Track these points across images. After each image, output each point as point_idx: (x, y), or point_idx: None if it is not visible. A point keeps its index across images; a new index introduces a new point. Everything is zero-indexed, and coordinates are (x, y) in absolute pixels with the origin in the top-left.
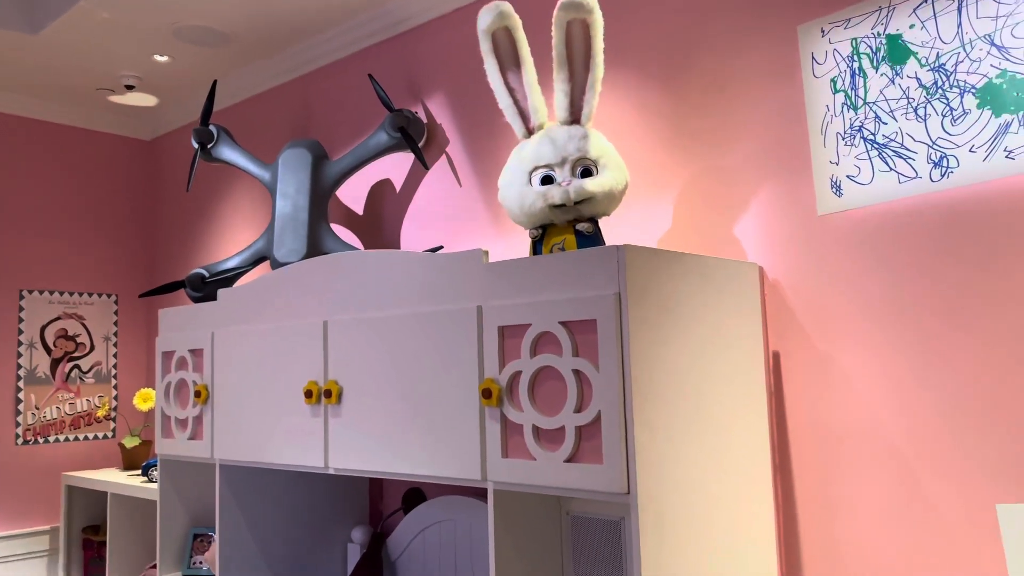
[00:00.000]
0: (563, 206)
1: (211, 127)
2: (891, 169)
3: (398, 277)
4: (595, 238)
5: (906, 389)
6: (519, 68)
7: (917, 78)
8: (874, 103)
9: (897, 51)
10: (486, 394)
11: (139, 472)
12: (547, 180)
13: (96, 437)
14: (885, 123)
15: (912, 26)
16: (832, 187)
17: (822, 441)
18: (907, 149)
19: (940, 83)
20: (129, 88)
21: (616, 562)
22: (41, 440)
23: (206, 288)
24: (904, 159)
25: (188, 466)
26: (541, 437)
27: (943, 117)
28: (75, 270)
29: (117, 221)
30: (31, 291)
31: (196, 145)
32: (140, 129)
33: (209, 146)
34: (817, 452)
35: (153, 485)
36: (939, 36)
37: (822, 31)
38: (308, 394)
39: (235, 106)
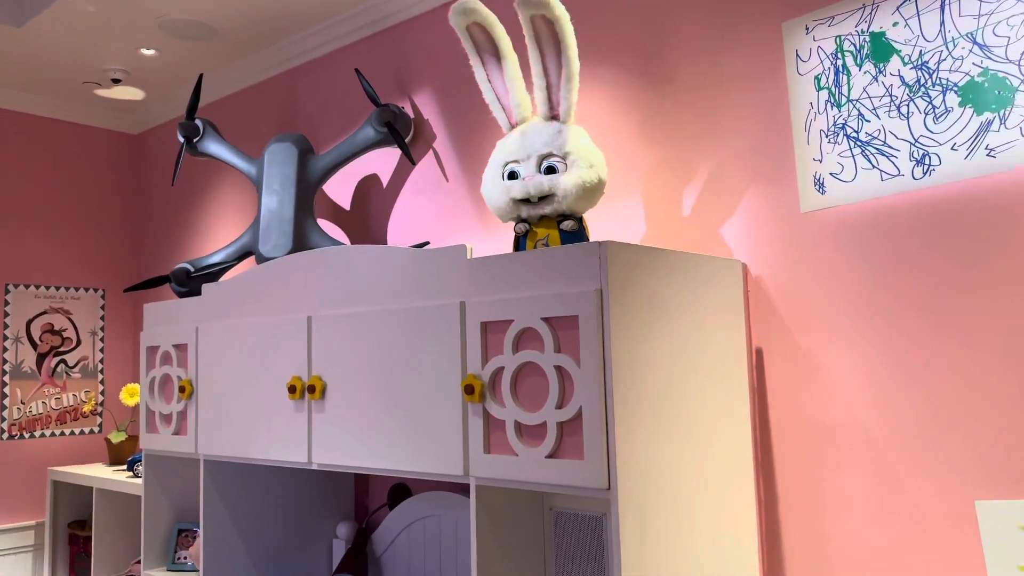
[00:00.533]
0: (527, 201)
1: (197, 121)
2: (874, 167)
3: (382, 272)
4: (579, 235)
5: (887, 386)
6: (499, 62)
7: (900, 76)
8: (857, 101)
9: (880, 49)
10: (468, 390)
11: (125, 467)
12: (514, 175)
13: (82, 432)
14: (868, 121)
15: (896, 24)
16: (815, 184)
17: (804, 438)
18: (890, 147)
19: (923, 81)
20: (116, 82)
21: (599, 558)
22: (27, 435)
23: (191, 283)
24: (887, 157)
25: (173, 461)
26: (523, 433)
27: (925, 115)
28: (61, 264)
29: (104, 215)
30: (17, 285)
31: (182, 139)
32: (127, 123)
33: (195, 140)
34: (799, 449)
35: (138, 480)
36: (922, 34)
37: (806, 28)
38: (292, 389)
39: (221, 100)
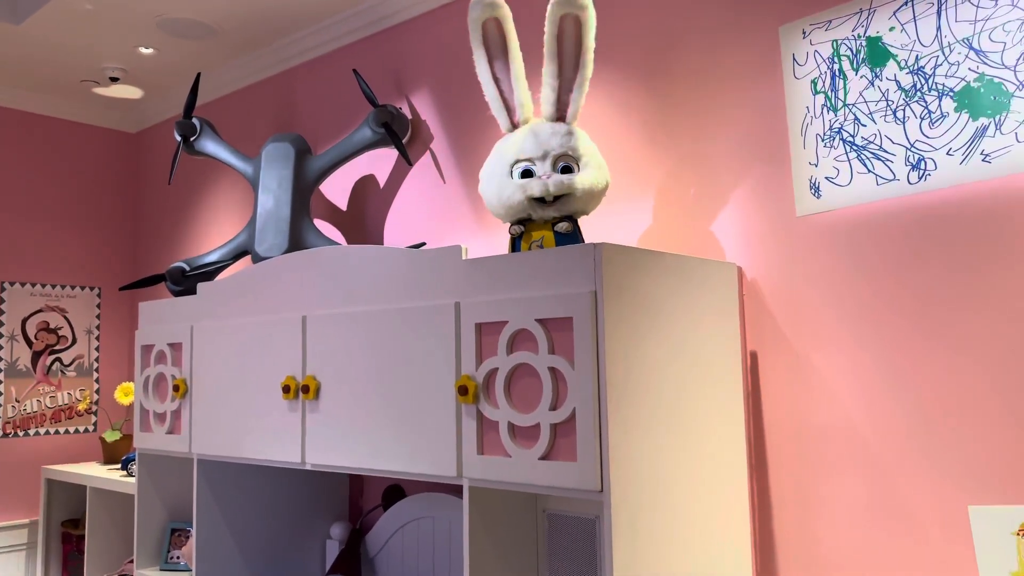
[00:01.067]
0: (542, 200)
1: (194, 120)
2: (869, 171)
3: (377, 273)
4: (573, 237)
5: (881, 390)
6: (507, 61)
7: (896, 80)
8: (853, 105)
9: (877, 53)
10: (462, 391)
11: (119, 466)
12: (527, 174)
13: (77, 431)
14: (864, 125)
15: (892, 29)
16: (811, 188)
17: (798, 441)
18: (885, 151)
19: (919, 86)
20: (114, 80)
21: (591, 561)
22: (21, 433)
23: (186, 282)
24: (882, 161)
25: (166, 460)
26: (516, 434)
27: (921, 120)
28: (58, 262)
29: (101, 214)
30: (12, 283)
31: (179, 138)
32: (124, 121)
33: (192, 139)
34: (793, 452)
35: (132, 479)
36: (918, 39)
37: (803, 32)
38: (286, 389)
39: (219, 99)
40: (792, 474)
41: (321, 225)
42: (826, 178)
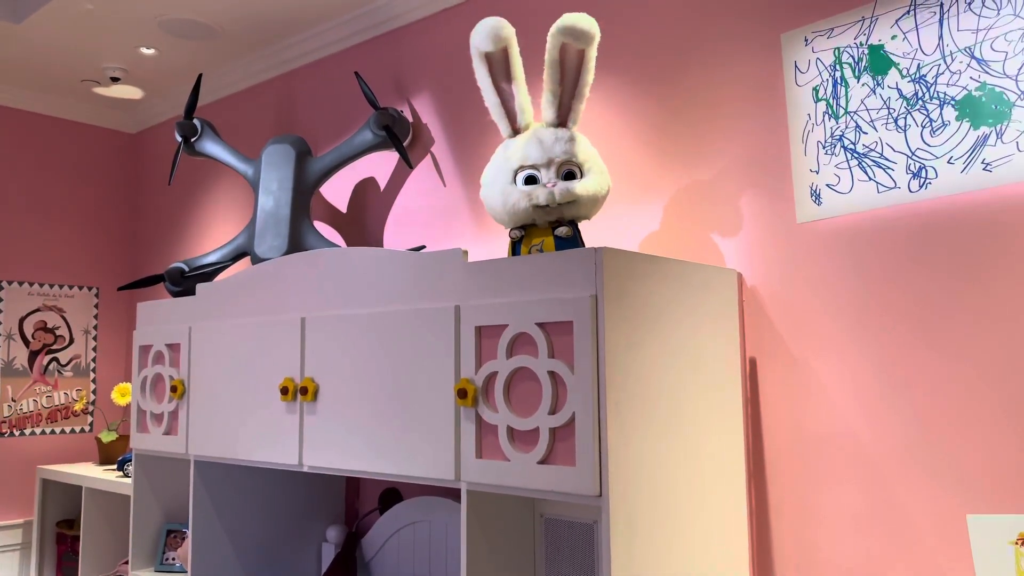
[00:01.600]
0: (547, 207)
1: (195, 121)
2: (870, 179)
3: (377, 275)
4: (573, 241)
5: (879, 398)
6: (508, 70)
7: (898, 88)
8: (855, 112)
9: (879, 61)
10: (462, 394)
11: (115, 467)
12: (531, 180)
13: (73, 431)
14: (865, 133)
15: (894, 37)
16: (812, 195)
17: (797, 448)
18: (887, 159)
19: (920, 94)
20: (114, 80)
21: (589, 566)
22: (17, 433)
23: (185, 282)
24: (883, 169)
25: (163, 461)
26: (515, 438)
27: (923, 128)
28: (56, 262)
29: (99, 214)
30: (11, 282)
31: (179, 139)
32: (124, 122)
33: (192, 140)
34: (791, 459)
35: (128, 480)
36: (920, 48)
37: (805, 40)
38: (284, 391)
39: (220, 100)
40: (790, 480)
41: (321, 227)
42: (827, 185)
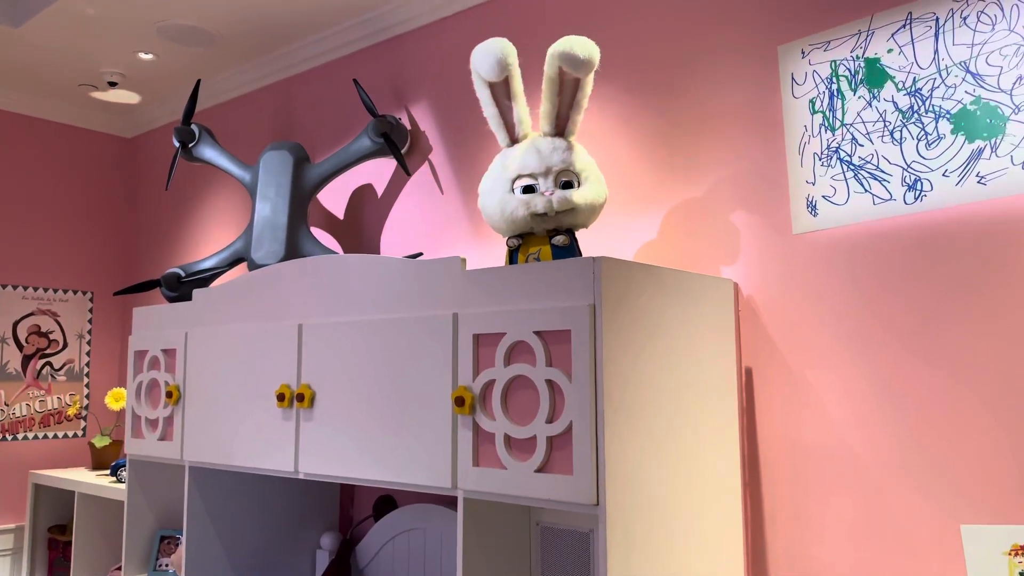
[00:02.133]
0: (544, 215)
1: (193, 126)
2: (866, 191)
3: (374, 282)
4: (570, 250)
5: (874, 409)
6: (509, 89)
7: (894, 102)
8: (851, 125)
9: (875, 74)
10: (459, 402)
11: (108, 472)
12: (529, 189)
13: (66, 436)
14: (861, 145)
15: (890, 50)
16: (808, 207)
17: (792, 458)
18: (882, 171)
19: (916, 107)
20: (112, 85)
21: (585, 575)
22: (9, 437)
23: (181, 288)
24: (879, 181)
25: (157, 467)
26: (512, 446)
27: (918, 141)
28: (51, 266)
29: (95, 218)
30: (4, 286)
31: (177, 144)
32: (121, 126)
33: (190, 145)
34: (786, 469)
35: (121, 486)
36: (916, 61)
37: (802, 52)
38: (280, 397)
39: (218, 106)
40: (785, 490)
41: (318, 233)
42: (823, 197)
